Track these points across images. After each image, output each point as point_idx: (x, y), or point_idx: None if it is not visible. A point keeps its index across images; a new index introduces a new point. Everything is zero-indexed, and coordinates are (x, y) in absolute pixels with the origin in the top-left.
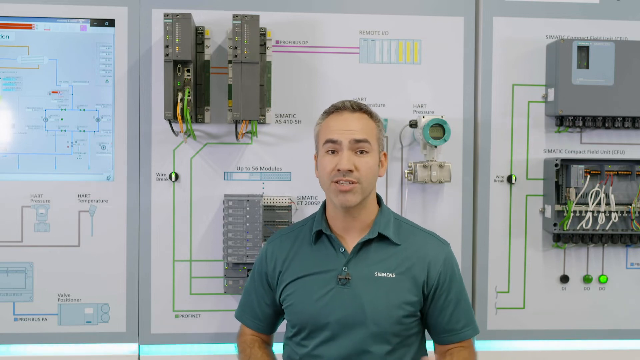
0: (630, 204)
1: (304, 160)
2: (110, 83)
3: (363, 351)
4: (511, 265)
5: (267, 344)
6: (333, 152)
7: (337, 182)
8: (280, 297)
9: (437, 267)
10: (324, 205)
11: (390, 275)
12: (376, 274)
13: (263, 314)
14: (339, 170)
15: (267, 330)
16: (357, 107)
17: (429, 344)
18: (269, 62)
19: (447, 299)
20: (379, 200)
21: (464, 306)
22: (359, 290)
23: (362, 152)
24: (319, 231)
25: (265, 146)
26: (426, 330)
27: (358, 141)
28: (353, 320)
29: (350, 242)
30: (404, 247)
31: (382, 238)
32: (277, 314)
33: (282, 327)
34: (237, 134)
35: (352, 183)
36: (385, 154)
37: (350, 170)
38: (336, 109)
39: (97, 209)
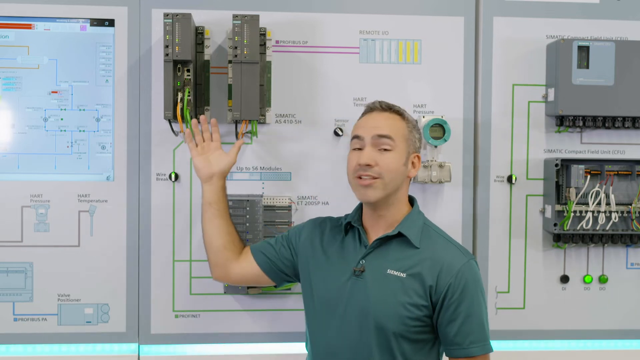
0: (631, 204)
1: (304, 160)
2: (110, 83)
3: (365, 345)
4: (511, 265)
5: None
6: (360, 149)
7: (359, 178)
8: (298, 263)
9: (448, 277)
10: None
11: (401, 274)
12: (388, 271)
13: (270, 254)
14: (359, 164)
15: (261, 261)
16: (387, 107)
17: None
18: (269, 62)
19: (457, 311)
20: (412, 202)
21: (475, 322)
22: (369, 285)
23: (385, 149)
24: (349, 223)
25: (265, 146)
26: None
27: (380, 136)
28: (358, 312)
29: (374, 238)
30: (422, 251)
31: (403, 238)
32: (280, 268)
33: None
34: (237, 134)
35: (373, 178)
36: (418, 156)
37: (370, 165)
38: (369, 109)
39: (97, 209)
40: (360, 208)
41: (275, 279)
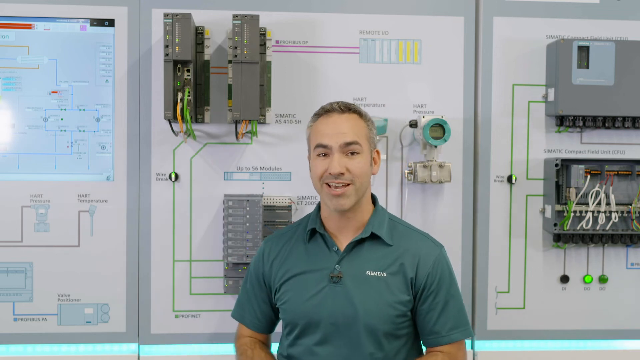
0: (631, 204)
1: (304, 160)
2: (110, 83)
3: (355, 349)
4: (511, 265)
5: (266, 345)
6: (324, 155)
7: (328, 185)
8: (275, 295)
9: (426, 267)
10: (319, 205)
11: (382, 274)
12: (367, 272)
13: (262, 314)
14: (330, 173)
15: (265, 329)
16: (346, 108)
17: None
18: (269, 62)
19: (434, 301)
20: (374, 200)
21: (453, 309)
22: (350, 289)
23: (353, 153)
24: (313, 230)
25: (265, 146)
26: None
27: (348, 144)
28: (344, 318)
29: (343, 241)
30: (396, 247)
31: (375, 238)
32: (276, 313)
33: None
34: (237, 134)
35: (346, 185)
36: (378, 152)
37: (342, 173)
38: (325, 111)
39: (96, 209)
40: (319, 212)
41: (275, 324)
